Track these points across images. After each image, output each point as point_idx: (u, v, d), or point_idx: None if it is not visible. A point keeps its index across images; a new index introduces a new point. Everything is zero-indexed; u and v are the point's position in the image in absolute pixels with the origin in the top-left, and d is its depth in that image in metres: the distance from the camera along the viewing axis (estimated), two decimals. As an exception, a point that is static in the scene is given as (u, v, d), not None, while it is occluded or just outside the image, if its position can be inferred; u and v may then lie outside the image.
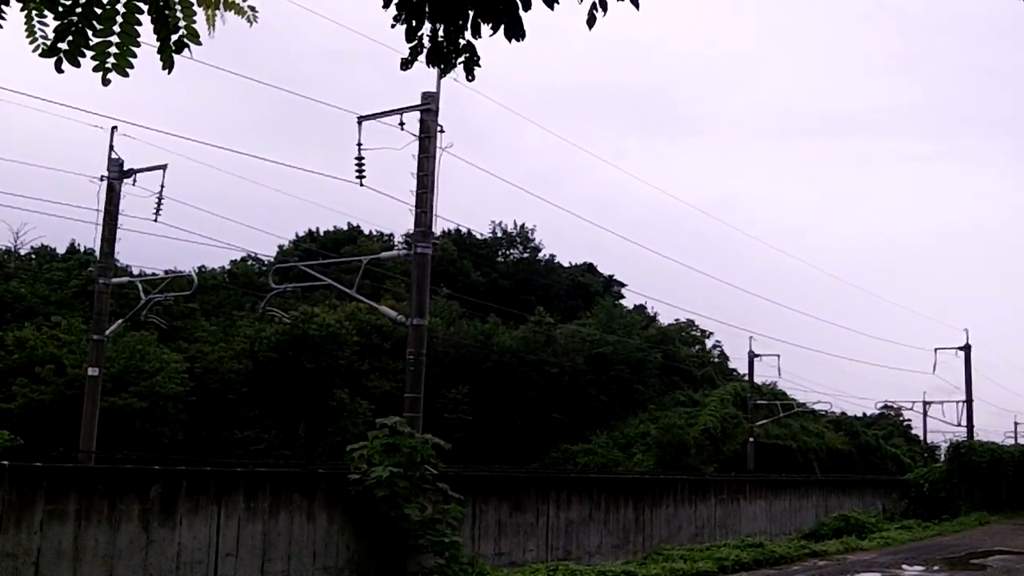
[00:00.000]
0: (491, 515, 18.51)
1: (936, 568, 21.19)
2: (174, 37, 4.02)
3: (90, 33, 3.85)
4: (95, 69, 3.89)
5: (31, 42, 3.96)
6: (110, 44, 3.90)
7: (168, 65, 4.05)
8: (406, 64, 4.83)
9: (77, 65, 3.88)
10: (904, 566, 21.42)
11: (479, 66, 4.85)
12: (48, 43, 3.89)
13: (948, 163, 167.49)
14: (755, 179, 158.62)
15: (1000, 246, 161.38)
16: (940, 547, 26.80)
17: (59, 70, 3.87)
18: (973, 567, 21.51)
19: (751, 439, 57.09)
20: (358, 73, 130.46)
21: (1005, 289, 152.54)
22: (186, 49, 4.08)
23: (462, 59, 4.84)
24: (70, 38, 3.83)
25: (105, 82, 3.91)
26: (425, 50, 4.79)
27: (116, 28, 3.88)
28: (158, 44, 4.01)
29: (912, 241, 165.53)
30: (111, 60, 3.90)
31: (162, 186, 25.42)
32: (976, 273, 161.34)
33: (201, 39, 4.27)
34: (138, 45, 3.94)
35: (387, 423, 16.78)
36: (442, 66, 4.86)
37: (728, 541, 24.48)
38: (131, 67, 3.93)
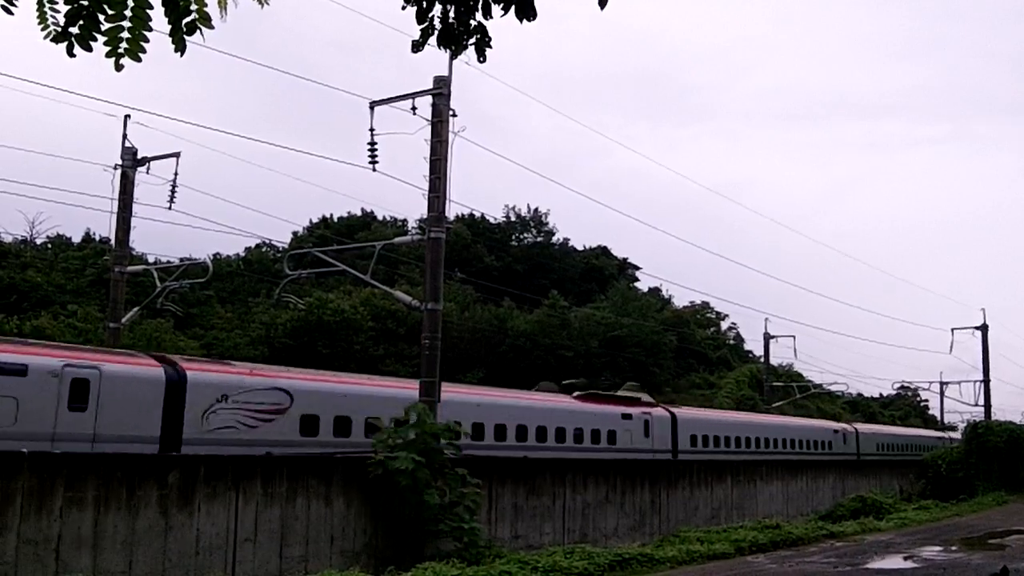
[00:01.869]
0: (507, 499, 18.54)
1: (954, 548, 21.11)
2: (186, 20, 3.99)
3: (101, 18, 3.83)
4: (108, 55, 3.86)
5: (42, 28, 3.94)
6: (122, 28, 3.87)
7: (180, 48, 4.02)
8: (417, 46, 4.78)
9: (89, 50, 3.86)
10: (922, 547, 21.35)
11: (490, 47, 4.81)
12: (59, 28, 3.86)
13: (962, 145, 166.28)
14: (765, 163, 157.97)
15: (1017, 226, 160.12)
16: (958, 527, 26.71)
17: (71, 54, 3.84)
18: (991, 547, 21.41)
19: (767, 421, 56.91)
20: (369, 61, 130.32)
21: (1022, 268, 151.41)
22: (198, 32, 4.05)
23: (473, 40, 4.79)
24: (81, 22, 3.81)
25: (118, 67, 3.89)
26: (436, 31, 4.75)
27: (127, 12, 3.86)
28: (170, 27, 3.99)
29: (928, 222, 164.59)
30: (123, 45, 3.88)
31: (176, 174, 25.46)
32: (993, 253, 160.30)
33: (214, 23, 4.23)
34: (150, 29, 3.91)
35: (410, 409, 16.83)
36: (453, 48, 4.81)
37: (745, 523, 24.45)
38: (143, 51, 3.91)
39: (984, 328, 56.50)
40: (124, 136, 25.29)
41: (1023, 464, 41.08)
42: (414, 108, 19.52)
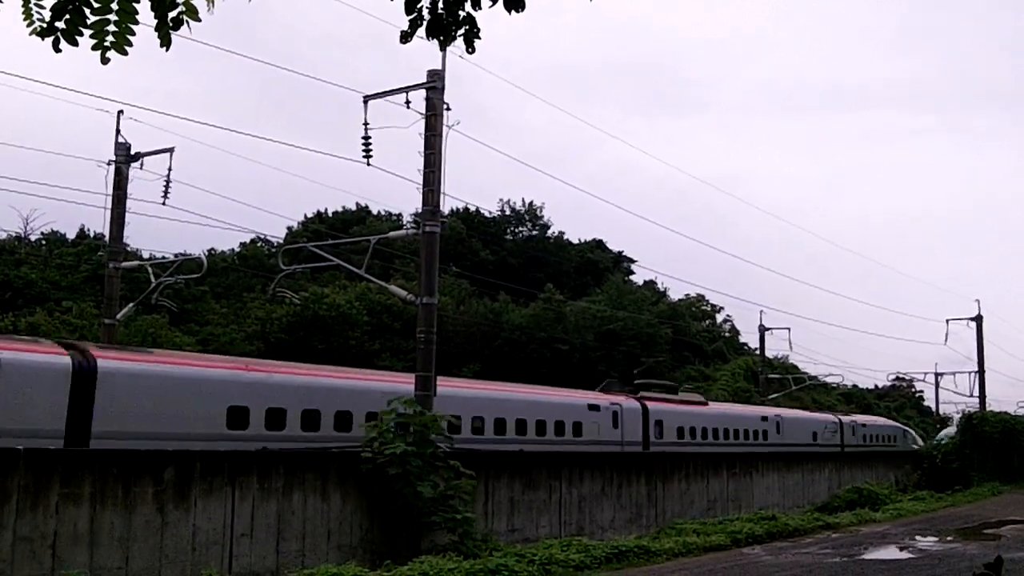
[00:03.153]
0: (503, 492, 18.57)
1: (949, 539, 21.18)
2: (172, 14, 3.96)
3: (87, 11, 3.81)
4: (94, 48, 3.84)
5: (28, 23, 3.91)
6: (108, 22, 3.85)
7: (166, 42, 4.00)
8: (405, 37, 4.76)
9: (75, 44, 3.84)
10: (917, 537, 21.43)
11: (479, 38, 4.78)
12: (44, 23, 3.84)
13: (957, 135, 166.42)
14: (761, 155, 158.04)
15: (1011, 217, 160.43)
16: (953, 518, 26.80)
17: (57, 49, 3.83)
18: (986, 537, 21.49)
19: (763, 412, 56.98)
20: (362, 55, 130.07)
21: (1017, 259, 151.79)
22: (185, 26, 4.03)
23: (462, 31, 4.77)
24: (67, 16, 3.79)
25: (104, 60, 3.87)
26: (425, 22, 4.72)
27: (114, 6, 3.83)
28: (156, 21, 3.96)
29: (922, 213, 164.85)
30: (109, 38, 3.86)
31: (169, 169, 25.34)
32: (987, 244, 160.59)
33: (201, 17, 4.21)
34: (136, 23, 3.89)
35: (398, 402, 16.85)
36: (442, 38, 4.78)
37: (741, 515, 24.52)
38: (130, 45, 3.89)
39: (979, 319, 56.57)
40: (117, 131, 25.20)
41: (1018, 455, 41.25)
42: (408, 102, 19.46)
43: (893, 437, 54.59)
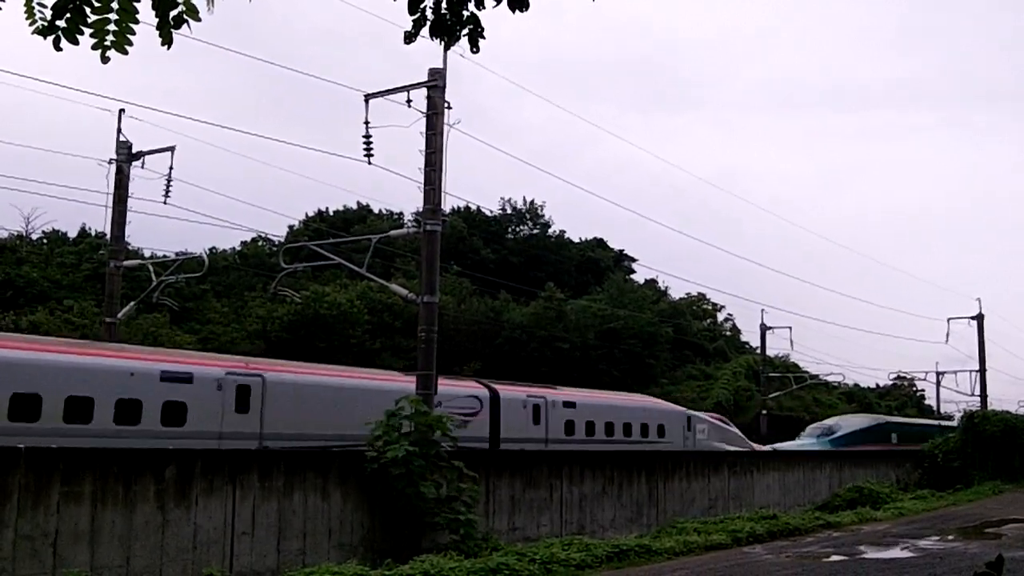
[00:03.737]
0: (504, 491, 18.57)
1: (951, 538, 21.17)
2: (173, 13, 3.96)
3: (88, 10, 3.81)
4: (94, 47, 3.85)
5: (30, 22, 3.92)
6: (108, 21, 3.85)
7: (167, 41, 4.00)
8: (409, 37, 4.75)
9: (76, 43, 3.84)
10: (919, 536, 21.41)
11: (483, 38, 4.77)
12: (47, 22, 3.84)
13: (957, 133, 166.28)
14: (761, 153, 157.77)
15: (1013, 215, 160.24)
16: (954, 517, 26.79)
17: (57, 48, 3.83)
18: (987, 536, 21.48)
19: (764, 411, 57.10)
20: (363, 53, 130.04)
21: (1018, 258, 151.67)
22: (185, 25, 4.03)
23: (466, 31, 4.77)
24: (68, 15, 3.79)
25: (104, 59, 3.87)
26: (428, 22, 4.72)
27: (114, 5, 3.84)
28: (157, 20, 3.96)
29: (923, 211, 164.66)
30: (110, 37, 3.86)
31: (171, 168, 25.39)
32: (988, 242, 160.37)
33: (202, 16, 4.20)
34: (136, 22, 3.90)
35: (402, 401, 16.85)
36: (446, 38, 4.78)
37: (742, 513, 24.52)
38: (130, 44, 3.89)
39: (980, 318, 56.60)
40: (119, 130, 25.23)
41: (1019, 453, 41.20)
42: (409, 101, 19.47)
43: (645, 428, 32.38)
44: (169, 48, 4.05)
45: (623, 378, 62.78)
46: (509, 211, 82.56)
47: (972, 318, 56.92)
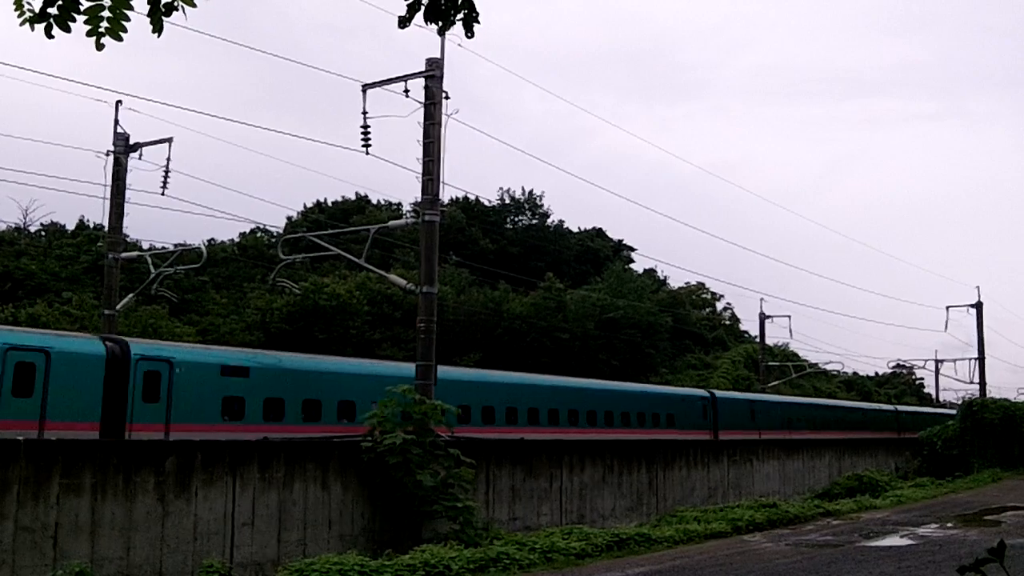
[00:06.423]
0: (504, 480, 18.58)
1: (950, 525, 21.19)
2: (164, 0, 3.92)
3: (81, -2, 3.76)
4: (88, 34, 3.80)
5: (18, 13, 3.86)
6: (102, 8, 3.80)
7: (158, 28, 3.95)
8: (404, 22, 4.71)
9: (68, 30, 3.79)
10: (918, 524, 21.44)
11: (478, 23, 4.73)
12: (35, 12, 3.78)
13: (956, 121, 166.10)
14: (760, 142, 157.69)
15: (1012, 203, 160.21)
16: (954, 504, 26.82)
17: (49, 36, 3.78)
18: (987, 523, 21.51)
19: (763, 400, 57.03)
20: (361, 43, 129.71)
21: (1017, 246, 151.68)
22: (180, 14, 3.99)
23: (460, 16, 4.72)
24: (60, 2, 3.74)
25: (99, 47, 3.82)
26: (423, 7, 4.68)
27: (108, -9, 3.79)
28: (148, 7, 3.92)
29: (922, 200, 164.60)
30: (104, 24, 3.81)
31: (168, 159, 25.30)
32: (987, 230, 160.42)
33: (196, 2, 4.16)
34: (131, 8, 3.84)
35: (396, 391, 16.84)
36: (440, 23, 4.73)
37: (742, 502, 24.54)
38: (125, 31, 3.84)
39: (979, 306, 56.57)
40: (116, 122, 25.14)
41: (1018, 441, 41.25)
42: (407, 91, 19.41)
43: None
44: (160, 35, 3.98)
45: (623, 368, 62.80)
46: (508, 201, 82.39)
47: (971, 306, 56.89)
